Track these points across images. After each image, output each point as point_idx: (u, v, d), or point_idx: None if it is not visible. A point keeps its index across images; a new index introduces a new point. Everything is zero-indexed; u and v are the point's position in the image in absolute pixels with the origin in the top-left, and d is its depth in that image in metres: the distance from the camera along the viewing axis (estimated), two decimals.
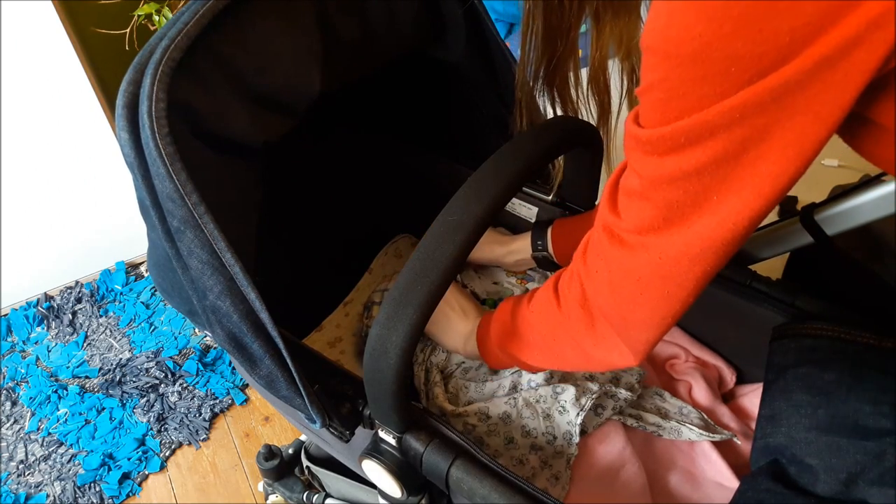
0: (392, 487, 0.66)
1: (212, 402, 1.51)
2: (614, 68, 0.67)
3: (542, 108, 0.74)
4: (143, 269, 1.81)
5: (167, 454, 1.44)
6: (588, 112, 0.71)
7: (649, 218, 0.46)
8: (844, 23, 0.33)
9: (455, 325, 0.81)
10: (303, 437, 1.08)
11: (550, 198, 0.92)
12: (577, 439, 0.73)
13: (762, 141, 0.39)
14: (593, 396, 0.75)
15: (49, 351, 1.64)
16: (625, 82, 0.67)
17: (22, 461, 1.44)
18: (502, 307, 0.72)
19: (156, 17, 1.35)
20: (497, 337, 0.71)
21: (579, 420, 0.73)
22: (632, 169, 0.47)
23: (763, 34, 0.35)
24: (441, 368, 0.84)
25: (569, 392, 0.75)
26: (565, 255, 0.87)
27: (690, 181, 0.42)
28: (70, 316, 1.70)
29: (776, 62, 0.35)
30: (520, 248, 0.92)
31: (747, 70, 0.36)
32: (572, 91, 0.70)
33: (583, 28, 0.65)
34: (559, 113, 0.72)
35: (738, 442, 0.77)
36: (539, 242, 0.88)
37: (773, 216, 0.56)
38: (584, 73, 0.70)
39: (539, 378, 0.78)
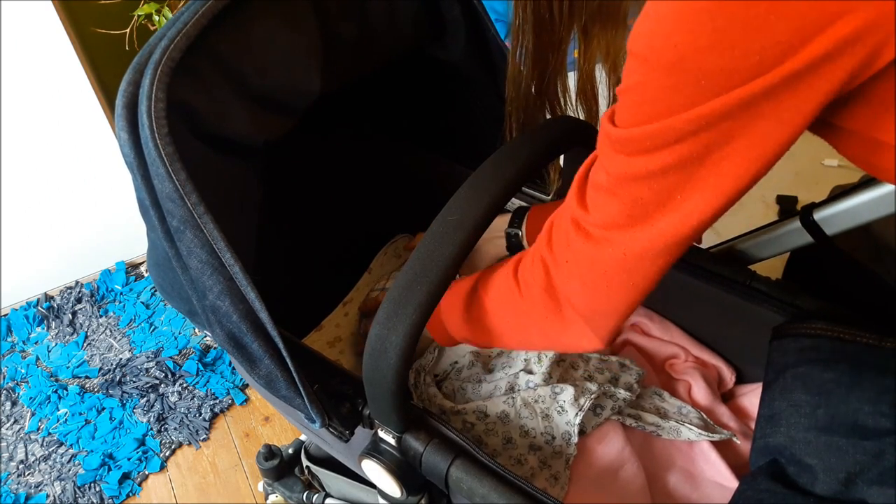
0: (392, 487, 0.66)
1: (212, 402, 1.51)
2: (601, 75, 0.69)
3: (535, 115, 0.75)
4: (143, 269, 1.81)
5: (167, 454, 1.44)
6: (577, 116, 0.72)
7: (615, 213, 0.48)
8: (815, 42, 0.35)
9: None
10: (303, 437, 1.08)
11: (549, 198, 0.92)
12: (575, 439, 0.73)
13: (726, 144, 0.40)
14: (592, 397, 0.74)
15: (49, 351, 1.64)
16: (612, 92, 0.68)
17: (22, 461, 1.44)
18: (451, 291, 0.70)
19: (156, 17, 1.35)
20: (450, 320, 0.70)
21: (578, 420, 0.73)
22: (601, 164, 0.48)
23: (735, 51, 0.36)
24: (431, 372, 0.84)
25: (567, 392, 0.75)
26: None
27: (656, 180, 0.44)
28: (70, 316, 1.70)
29: (745, 78, 0.37)
30: (497, 225, 0.88)
31: (716, 83, 0.38)
32: (562, 100, 0.72)
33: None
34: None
35: (738, 441, 0.77)
36: (516, 220, 0.85)
37: (773, 216, 0.56)
38: (571, 80, 0.71)
39: (537, 378, 0.78)
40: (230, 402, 1.52)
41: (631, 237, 0.48)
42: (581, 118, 0.72)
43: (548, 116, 0.74)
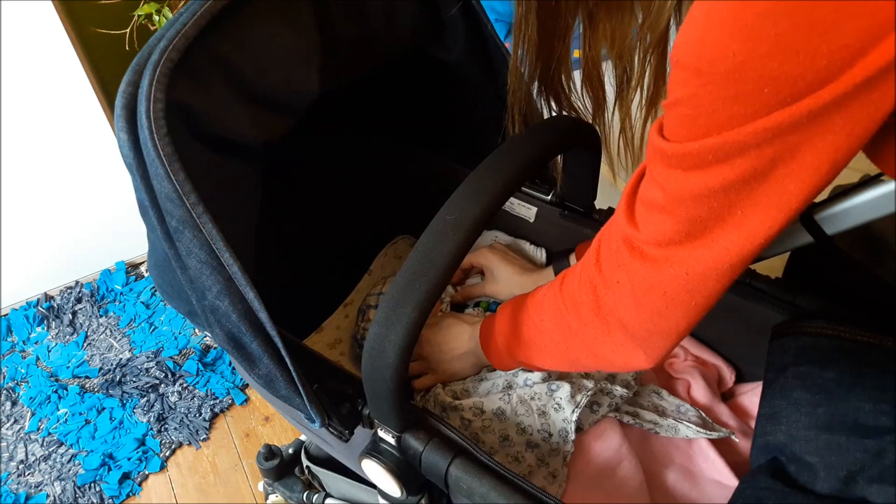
0: (392, 487, 0.66)
1: (212, 402, 1.51)
2: (607, 65, 0.67)
3: (537, 107, 0.74)
4: (143, 269, 1.81)
5: (167, 454, 1.44)
6: (584, 106, 0.71)
7: (671, 231, 0.46)
8: (885, 44, 0.32)
9: (459, 330, 0.81)
10: (303, 437, 1.08)
11: (549, 198, 0.92)
12: (572, 436, 0.73)
13: (792, 159, 0.38)
14: (589, 393, 0.74)
15: (49, 351, 1.64)
16: (619, 80, 0.67)
17: (22, 461, 1.44)
18: (501, 312, 0.72)
19: (156, 17, 1.35)
20: (503, 342, 0.71)
21: (574, 417, 0.73)
22: (654, 180, 0.46)
23: (800, 56, 0.34)
24: None
25: (564, 389, 0.75)
26: None
27: (716, 197, 0.41)
28: (70, 316, 1.70)
29: (813, 85, 0.34)
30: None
31: (781, 91, 0.35)
32: (566, 87, 0.70)
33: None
34: (554, 110, 0.72)
35: (736, 440, 0.77)
36: (558, 262, 0.87)
37: None
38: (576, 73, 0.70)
39: (535, 376, 0.78)
40: (230, 402, 1.52)
41: (690, 255, 0.45)
42: (588, 107, 0.70)
43: (553, 106, 0.72)
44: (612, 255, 0.53)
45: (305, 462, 1.03)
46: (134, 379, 1.55)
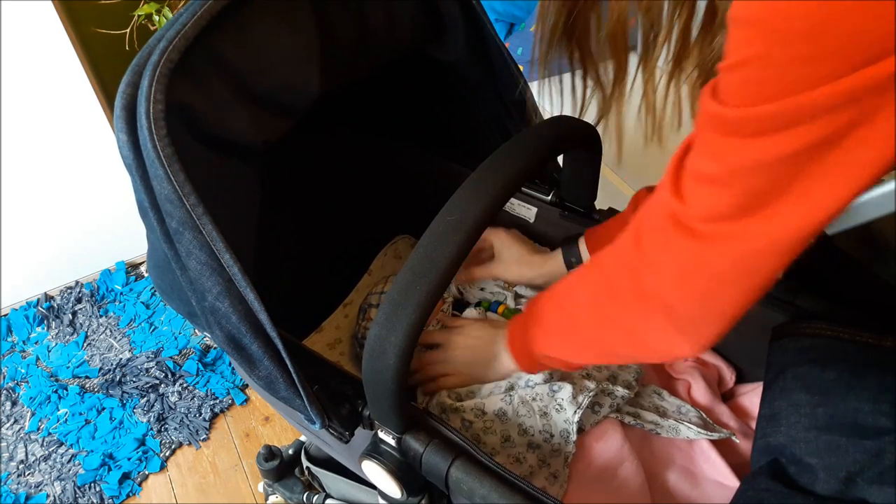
0: (392, 488, 0.66)
1: (212, 402, 1.51)
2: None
3: (557, 65, 0.65)
4: (143, 269, 1.81)
5: (167, 454, 1.44)
6: (605, 70, 0.64)
7: (724, 205, 0.42)
8: None
9: (487, 350, 0.77)
10: (303, 438, 1.08)
11: (549, 198, 0.92)
12: (574, 437, 0.73)
13: (867, 124, 0.35)
14: (590, 394, 0.74)
15: (49, 351, 1.64)
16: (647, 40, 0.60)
17: (22, 461, 1.44)
18: (530, 308, 0.69)
19: (156, 17, 1.35)
20: (530, 339, 0.68)
21: (576, 418, 0.73)
22: (705, 151, 0.43)
23: (890, 10, 0.31)
24: None
25: (566, 390, 0.75)
26: None
27: (779, 167, 0.38)
28: (70, 316, 1.70)
29: None
30: (552, 269, 0.87)
31: (867, 50, 0.33)
32: (593, 43, 0.62)
33: None
34: (577, 71, 0.65)
35: (737, 441, 0.77)
36: (573, 260, 0.85)
37: None
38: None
39: (537, 377, 0.78)
40: (230, 402, 1.52)
41: (748, 232, 0.42)
42: (609, 73, 0.63)
43: (573, 62, 0.64)
44: (655, 233, 0.49)
45: (305, 463, 1.03)
46: (134, 379, 1.55)
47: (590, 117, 0.68)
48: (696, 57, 0.54)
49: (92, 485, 1.39)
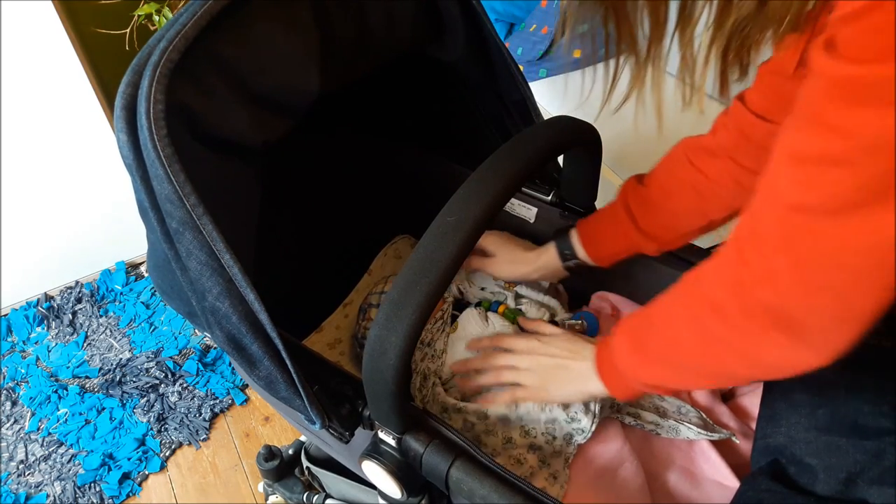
0: (392, 488, 0.66)
1: (212, 402, 1.51)
2: None
3: (591, 17, 0.52)
4: (143, 269, 1.81)
5: (167, 454, 1.44)
6: (640, 26, 0.52)
7: (851, 190, 0.37)
8: None
9: (573, 368, 0.70)
10: (303, 438, 1.08)
11: (549, 198, 0.92)
12: (579, 441, 0.73)
13: None
14: (598, 403, 0.74)
15: (49, 351, 1.64)
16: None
17: (22, 461, 1.44)
18: (623, 332, 0.63)
19: (156, 17, 1.35)
20: (627, 368, 0.63)
21: (593, 427, 0.73)
22: (823, 126, 0.36)
23: None
24: (438, 375, 0.84)
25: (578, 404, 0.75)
26: (602, 255, 0.81)
27: None
28: (70, 316, 1.70)
29: None
30: (546, 262, 0.86)
31: None
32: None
33: None
34: (609, 28, 0.53)
35: (737, 441, 0.77)
36: (566, 252, 0.84)
37: None
38: None
39: None
40: (230, 402, 1.52)
41: (884, 220, 0.36)
42: (646, 29, 0.52)
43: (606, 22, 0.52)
44: (764, 238, 0.44)
45: (305, 463, 1.03)
46: (134, 379, 1.55)
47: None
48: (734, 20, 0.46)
49: (92, 485, 1.39)
